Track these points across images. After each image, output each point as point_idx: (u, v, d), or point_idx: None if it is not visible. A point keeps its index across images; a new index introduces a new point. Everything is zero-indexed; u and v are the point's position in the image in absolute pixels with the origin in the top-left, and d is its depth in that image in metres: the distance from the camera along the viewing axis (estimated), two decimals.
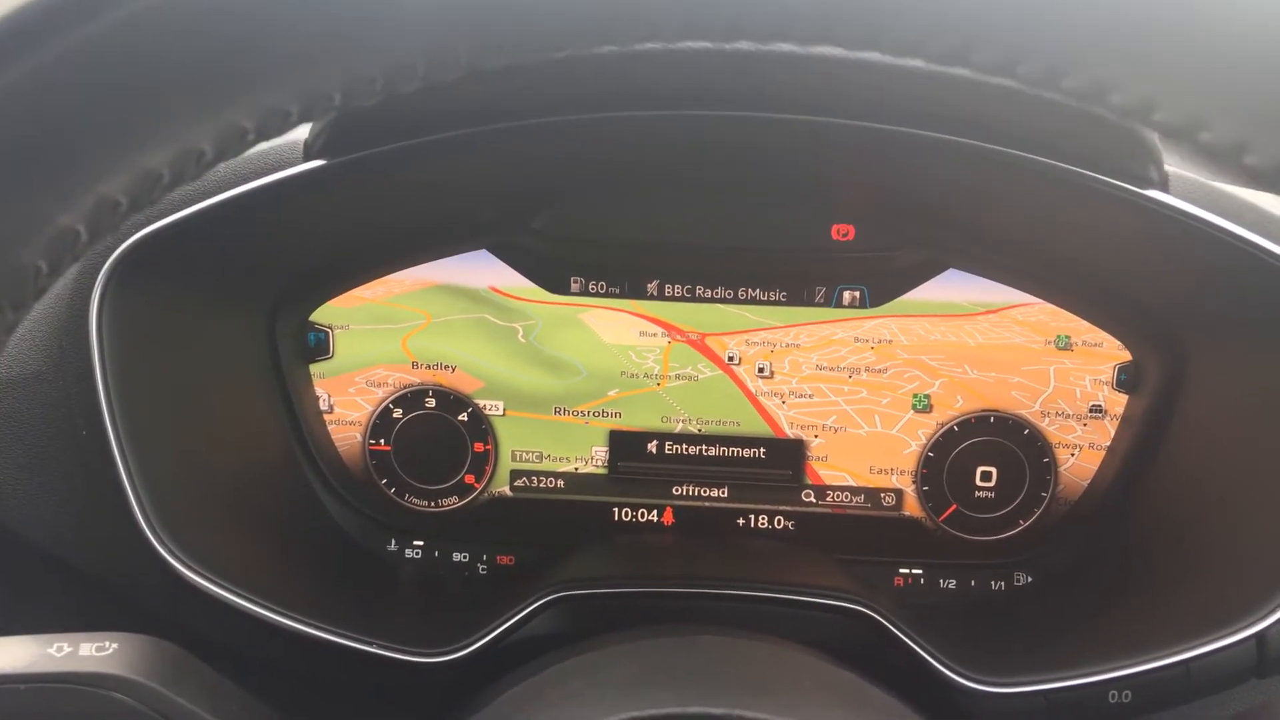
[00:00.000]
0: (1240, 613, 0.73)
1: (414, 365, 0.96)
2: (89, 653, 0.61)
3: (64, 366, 0.76)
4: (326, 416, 0.97)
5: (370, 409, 0.97)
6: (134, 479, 0.73)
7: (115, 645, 0.62)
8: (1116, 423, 0.92)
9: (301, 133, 0.76)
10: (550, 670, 0.53)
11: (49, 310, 0.78)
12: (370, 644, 0.74)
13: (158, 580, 0.75)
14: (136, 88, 0.35)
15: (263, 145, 0.77)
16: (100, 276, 0.74)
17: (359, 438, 0.98)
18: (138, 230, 0.74)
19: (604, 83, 0.73)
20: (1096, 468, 0.93)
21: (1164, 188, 0.72)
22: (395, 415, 0.97)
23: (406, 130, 0.73)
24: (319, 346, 0.95)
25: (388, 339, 0.96)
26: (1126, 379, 0.92)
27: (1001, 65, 0.34)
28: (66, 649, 0.61)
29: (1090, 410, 0.93)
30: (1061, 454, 0.94)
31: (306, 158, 0.75)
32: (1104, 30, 0.33)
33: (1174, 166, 0.73)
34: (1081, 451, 0.94)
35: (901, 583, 0.96)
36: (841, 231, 0.90)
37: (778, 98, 0.74)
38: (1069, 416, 0.93)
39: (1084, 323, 0.91)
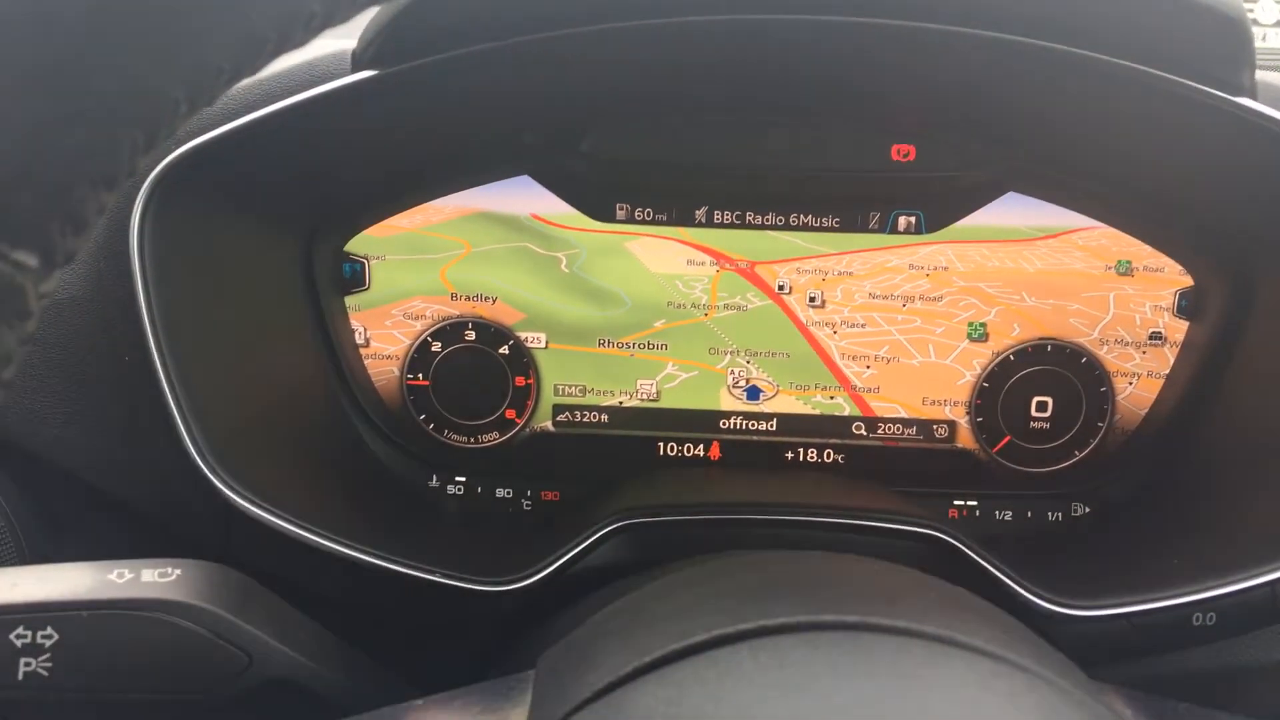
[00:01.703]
0: None
1: (453, 297, 0.93)
2: (151, 579, 0.58)
3: (104, 290, 0.73)
4: (363, 350, 0.94)
5: (408, 342, 0.94)
6: (181, 405, 0.70)
7: (179, 571, 0.59)
8: (1176, 350, 0.90)
9: (350, 44, 0.72)
10: (648, 587, 0.50)
11: None
12: (433, 572, 0.72)
13: (208, 509, 0.72)
14: None
15: (312, 56, 0.73)
16: (140, 195, 0.71)
17: (396, 372, 0.95)
18: (178, 147, 0.71)
19: None
20: (1155, 396, 0.92)
21: (1254, 95, 0.69)
22: (434, 349, 0.94)
23: (455, 41, 0.69)
24: (354, 278, 0.92)
25: (425, 269, 0.92)
26: (1188, 305, 0.90)
27: None
28: (128, 575, 0.58)
29: (1150, 338, 0.91)
30: (1119, 383, 0.92)
31: (355, 69, 0.71)
32: None
33: (1265, 73, 0.70)
34: (1140, 380, 0.92)
35: (956, 515, 0.94)
36: (902, 152, 0.87)
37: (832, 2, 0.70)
38: (1128, 344, 0.91)
39: (1146, 247, 0.88)
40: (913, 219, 0.90)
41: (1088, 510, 0.92)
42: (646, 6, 0.71)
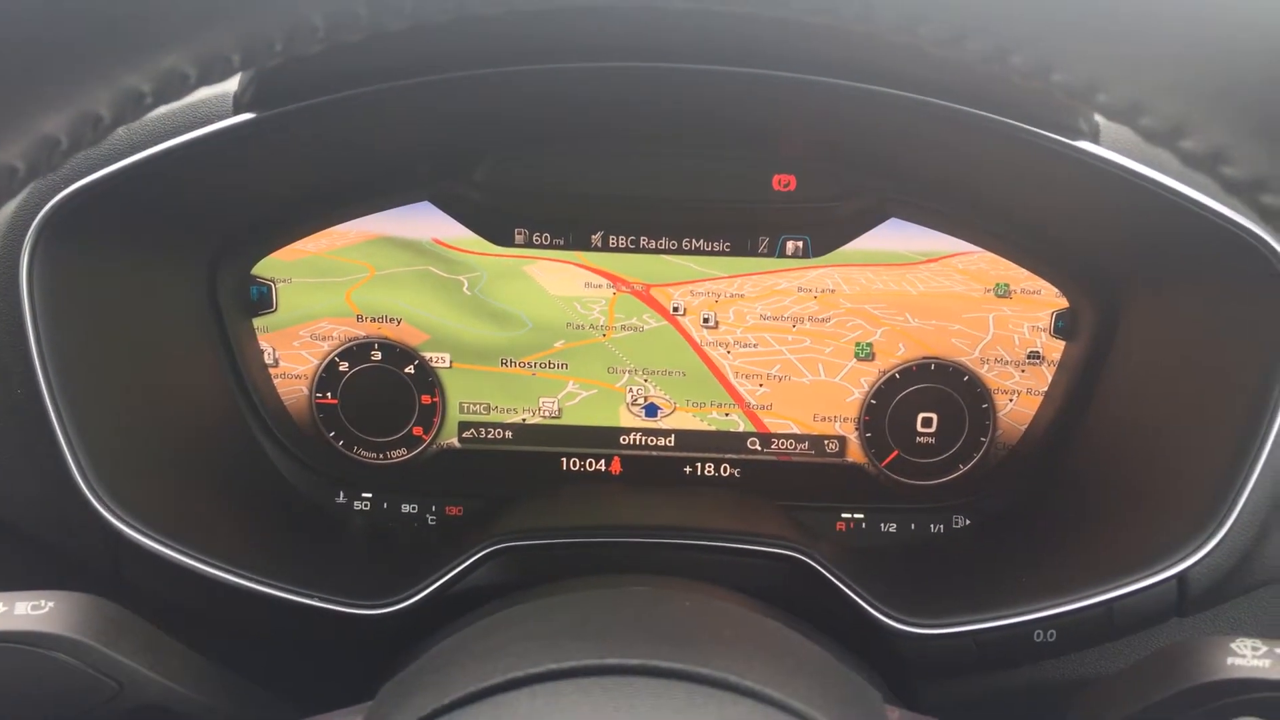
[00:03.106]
0: (1163, 553, 0.75)
1: (359, 318, 0.96)
2: (24, 611, 0.61)
3: None
4: (272, 370, 0.96)
5: (316, 362, 0.97)
6: (70, 438, 0.73)
7: (51, 604, 0.62)
8: (1053, 368, 0.94)
9: (232, 85, 0.75)
10: (478, 624, 0.54)
11: None
12: (311, 596, 0.75)
13: (98, 538, 0.75)
14: (29, 52, 0.35)
15: (192, 98, 0.75)
16: (29, 233, 0.73)
17: (305, 391, 0.97)
18: (65, 185, 0.73)
19: (539, 35, 0.73)
20: (1034, 413, 0.95)
21: (1094, 139, 0.73)
22: (341, 368, 0.97)
23: (336, 84, 0.72)
24: (262, 300, 0.95)
25: (331, 292, 0.95)
26: (1064, 326, 0.93)
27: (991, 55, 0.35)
28: (1, 608, 0.61)
29: (1028, 357, 0.94)
30: (1000, 400, 0.96)
31: (236, 111, 0.73)
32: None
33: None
34: (1019, 397, 0.95)
35: (843, 527, 0.98)
36: (783, 182, 0.90)
37: (716, 50, 0.73)
38: (1007, 363, 0.95)
39: (1023, 271, 0.92)
40: (800, 244, 0.93)
41: (968, 522, 0.96)
42: (526, 53, 0.74)
